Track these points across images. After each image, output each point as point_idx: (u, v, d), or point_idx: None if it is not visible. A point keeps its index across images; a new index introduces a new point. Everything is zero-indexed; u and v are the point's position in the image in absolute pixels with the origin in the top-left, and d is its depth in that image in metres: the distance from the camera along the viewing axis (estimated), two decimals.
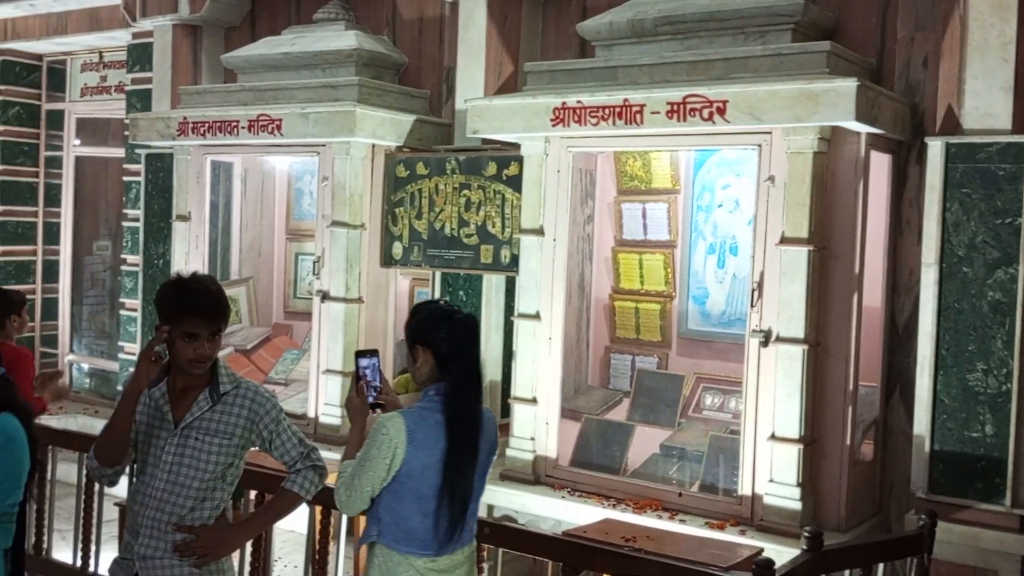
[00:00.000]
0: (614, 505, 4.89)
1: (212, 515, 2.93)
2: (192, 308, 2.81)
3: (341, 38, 6.48)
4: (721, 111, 4.55)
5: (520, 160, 5.44)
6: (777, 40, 4.87)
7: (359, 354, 3.00)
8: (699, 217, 5.68)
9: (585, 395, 5.65)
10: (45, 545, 5.21)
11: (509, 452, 5.33)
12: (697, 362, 5.62)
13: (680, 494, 4.88)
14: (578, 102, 4.93)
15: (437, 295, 6.05)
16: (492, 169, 5.69)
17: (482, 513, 4.13)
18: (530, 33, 6.10)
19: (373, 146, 6.14)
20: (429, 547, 2.81)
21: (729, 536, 4.45)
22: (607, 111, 4.84)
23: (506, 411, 5.52)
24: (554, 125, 5.03)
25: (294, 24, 7.02)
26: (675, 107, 4.65)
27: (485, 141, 5.71)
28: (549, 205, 5.28)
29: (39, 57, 9.19)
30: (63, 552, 5.28)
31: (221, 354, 7.25)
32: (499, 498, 5.20)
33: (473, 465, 2.87)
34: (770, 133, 4.61)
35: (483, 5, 5.92)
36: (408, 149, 6.17)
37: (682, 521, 4.69)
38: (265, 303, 7.58)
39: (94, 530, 4.95)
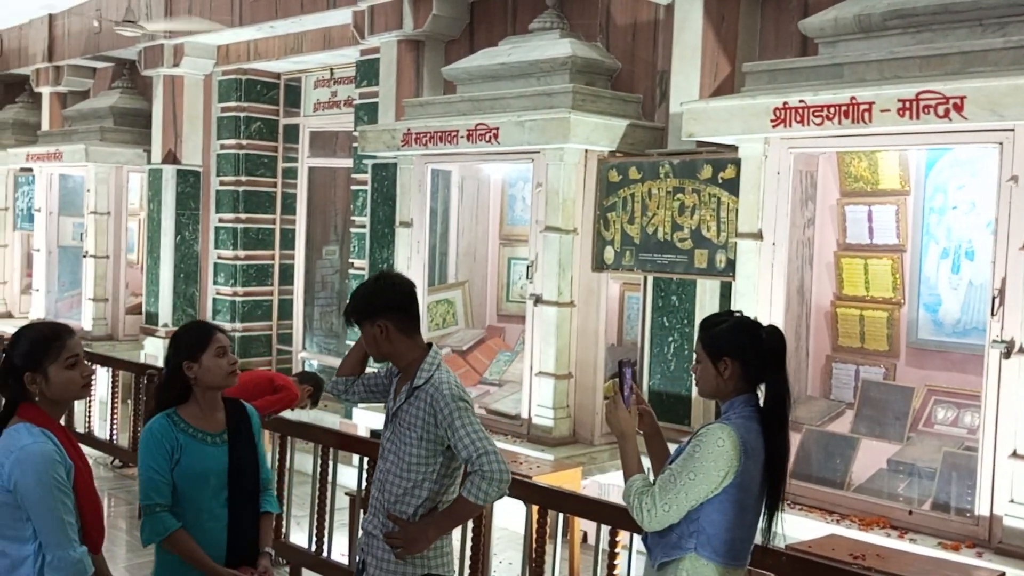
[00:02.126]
0: (838, 521, 4.70)
1: (418, 512, 3.02)
2: None
3: (555, 46, 6.59)
4: (958, 107, 4.28)
5: (737, 163, 5.34)
6: (1018, 32, 4.52)
7: (623, 364, 2.93)
8: (931, 220, 5.36)
9: (805, 405, 5.46)
10: (284, 529, 5.60)
11: None
12: (928, 373, 5.30)
13: (910, 512, 4.63)
14: (800, 101, 4.79)
15: (649, 300, 6.03)
16: (707, 172, 5.61)
17: None
18: (748, 33, 5.96)
19: (586, 151, 6.20)
20: (742, 558, 2.78)
21: (965, 558, 4.18)
22: (832, 110, 4.67)
23: None
24: (774, 126, 4.90)
25: (510, 35, 7.20)
26: (907, 104, 4.42)
27: (700, 144, 5.64)
28: (768, 208, 5.16)
29: (277, 75, 9.91)
30: (298, 536, 5.66)
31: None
32: None
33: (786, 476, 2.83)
34: (1013, 130, 4.29)
35: (699, 6, 5.85)
36: (621, 154, 6.19)
37: (912, 540, 4.44)
38: (479, 306, 7.81)
39: (327, 517, 5.28)
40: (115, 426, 7.80)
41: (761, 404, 2.79)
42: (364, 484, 4.97)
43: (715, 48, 5.90)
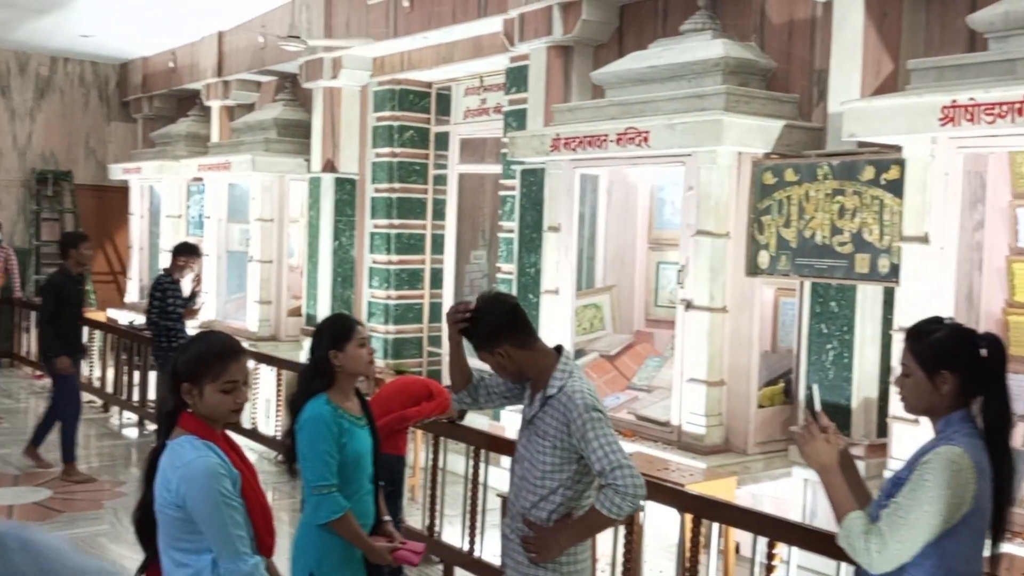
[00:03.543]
0: (1010, 538, 4.43)
1: (551, 517, 3.05)
2: None
3: (707, 47, 6.49)
4: None
5: (901, 163, 5.12)
6: None
7: (818, 388, 2.76)
8: None
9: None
10: (437, 528, 5.73)
11: (887, 475, 5.02)
12: None
13: None
14: (971, 99, 4.55)
15: (806, 306, 5.86)
16: (869, 174, 5.41)
17: None
18: (912, 29, 5.72)
19: (739, 154, 6.08)
20: None
21: None
22: (1005, 108, 4.42)
23: (882, 431, 5.22)
24: (942, 125, 4.68)
25: (660, 37, 7.12)
26: None
27: (861, 144, 5.45)
28: (935, 211, 4.93)
29: (429, 85, 10.16)
30: (450, 535, 5.78)
31: (586, 360, 7.47)
32: None
33: (1015, 497, 2.63)
34: None
35: (860, 3, 5.64)
36: (776, 155, 6.04)
37: None
38: (627, 310, 7.77)
39: (479, 517, 5.37)
40: (279, 423, 8.16)
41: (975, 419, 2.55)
42: None
43: (876, 45, 5.68)
